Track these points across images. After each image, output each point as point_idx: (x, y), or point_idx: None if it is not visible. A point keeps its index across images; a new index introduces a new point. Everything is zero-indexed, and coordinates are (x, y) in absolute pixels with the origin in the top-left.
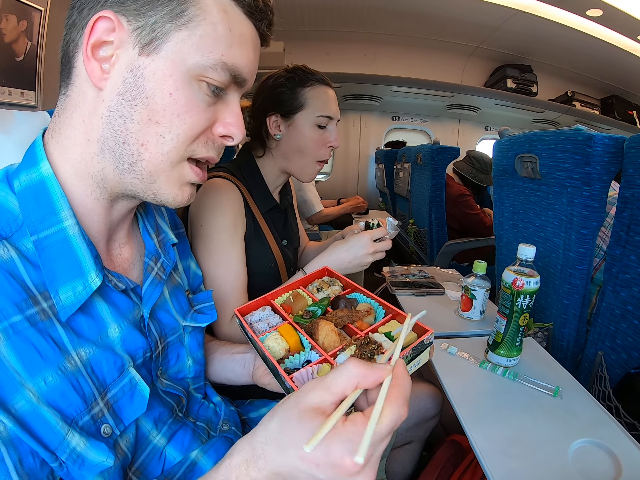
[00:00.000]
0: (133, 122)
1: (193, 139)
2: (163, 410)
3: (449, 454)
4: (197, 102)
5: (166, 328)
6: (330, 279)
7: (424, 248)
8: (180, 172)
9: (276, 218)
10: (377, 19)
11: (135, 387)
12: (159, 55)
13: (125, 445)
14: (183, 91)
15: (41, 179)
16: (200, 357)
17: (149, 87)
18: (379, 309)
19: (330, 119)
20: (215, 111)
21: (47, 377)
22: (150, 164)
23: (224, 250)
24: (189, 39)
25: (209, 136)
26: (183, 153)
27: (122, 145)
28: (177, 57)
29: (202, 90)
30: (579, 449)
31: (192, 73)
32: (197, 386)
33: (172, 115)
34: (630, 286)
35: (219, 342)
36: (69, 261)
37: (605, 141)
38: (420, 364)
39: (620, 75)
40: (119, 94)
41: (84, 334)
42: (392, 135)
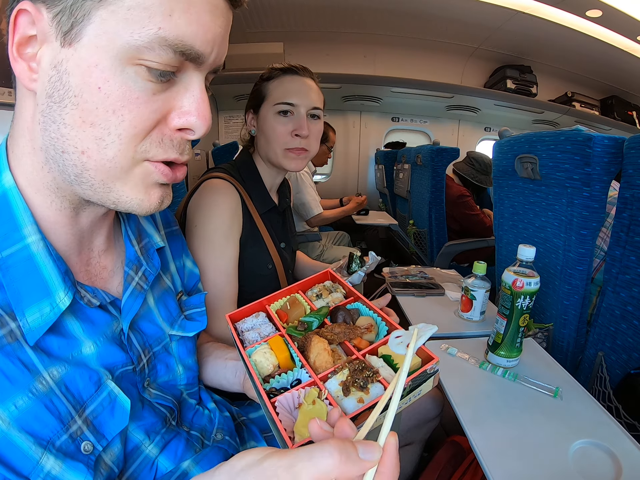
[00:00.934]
0: (67, 126)
1: (141, 137)
2: (156, 420)
3: (449, 454)
4: (136, 93)
5: (150, 339)
6: (332, 284)
7: (424, 249)
8: (141, 174)
9: (274, 220)
10: (377, 20)
11: (115, 400)
12: (81, 43)
13: (110, 460)
14: (114, 82)
15: (3, 192)
16: (191, 363)
17: (75, 83)
18: (382, 324)
19: (292, 106)
20: (167, 99)
21: (18, 401)
22: (99, 173)
23: (217, 252)
24: (114, 15)
25: (164, 132)
26: (133, 155)
27: (62, 154)
28: (101, 40)
29: (140, 77)
30: (579, 450)
31: (123, 57)
32: (191, 392)
33: (107, 113)
34: (630, 287)
35: (215, 345)
36: (35, 281)
37: (605, 142)
38: (421, 394)
39: (619, 75)
40: (47, 95)
41: (54, 353)
42: (392, 136)
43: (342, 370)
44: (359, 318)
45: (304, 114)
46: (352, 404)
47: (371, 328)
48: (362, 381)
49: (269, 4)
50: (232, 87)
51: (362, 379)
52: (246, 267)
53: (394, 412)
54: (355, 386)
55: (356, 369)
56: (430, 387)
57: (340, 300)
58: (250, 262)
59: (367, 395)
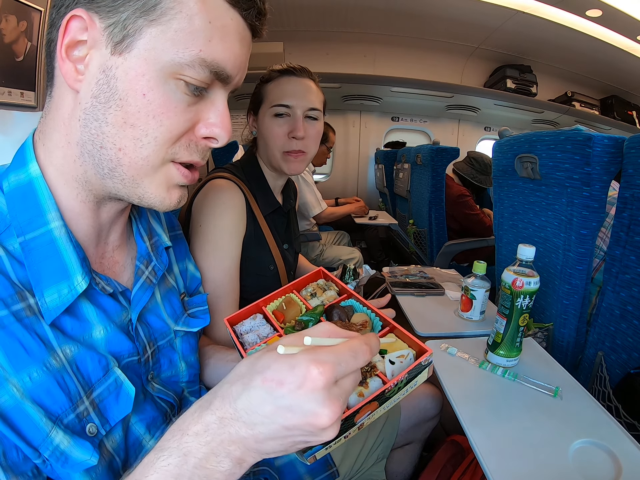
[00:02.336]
0: (108, 125)
1: (173, 141)
2: (157, 415)
3: (449, 454)
4: (175, 103)
5: (156, 332)
6: (325, 282)
7: (424, 248)
8: (166, 175)
9: (278, 221)
10: (377, 20)
11: (121, 387)
12: (132, 54)
13: (112, 447)
14: (157, 91)
15: (29, 180)
16: (194, 361)
17: (122, 88)
18: (376, 320)
19: (288, 107)
20: (198, 111)
21: (32, 372)
22: (131, 169)
23: (220, 252)
24: (163, 34)
25: (191, 138)
26: (164, 156)
27: (99, 149)
28: (150, 54)
29: (179, 90)
30: (579, 449)
31: (167, 71)
32: (192, 390)
33: (148, 117)
34: (630, 286)
35: (215, 347)
36: (55, 263)
37: (604, 141)
38: (417, 384)
39: (619, 75)
40: (92, 96)
41: (68, 332)
42: (392, 136)
43: None
44: (354, 315)
45: (300, 115)
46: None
47: (366, 324)
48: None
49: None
50: None
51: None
52: (248, 268)
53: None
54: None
55: None
56: (425, 377)
57: (334, 298)
58: (252, 263)
59: (366, 389)
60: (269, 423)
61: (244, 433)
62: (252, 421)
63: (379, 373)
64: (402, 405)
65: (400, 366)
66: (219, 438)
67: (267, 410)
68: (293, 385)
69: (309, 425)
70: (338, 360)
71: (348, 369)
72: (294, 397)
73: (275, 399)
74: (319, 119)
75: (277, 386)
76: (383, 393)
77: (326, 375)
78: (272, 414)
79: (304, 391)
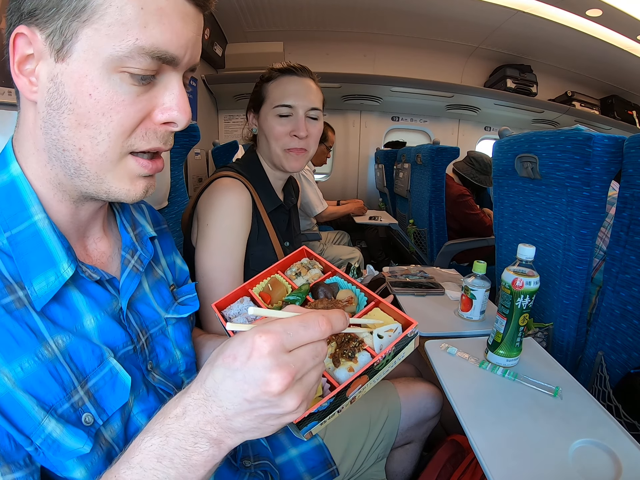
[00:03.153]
0: (65, 129)
1: (127, 134)
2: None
3: (449, 454)
4: (122, 97)
5: (147, 320)
6: (309, 261)
7: (424, 248)
8: (126, 168)
9: (280, 218)
10: (377, 20)
11: (116, 377)
12: (72, 58)
13: (111, 436)
14: (102, 89)
15: (12, 179)
16: (188, 349)
17: (70, 92)
18: (361, 295)
19: (290, 108)
20: (151, 98)
21: (24, 363)
22: (93, 166)
23: (226, 252)
24: (97, 32)
25: (148, 127)
26: (121, 150)
27: (63, 152)
28: (89, 55)
29: (125, 83)
30: (579, 449)
31: (108, 67)
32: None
33: (98, 116)
34: (630, 286)
35: (207, 336)
36: (41, 253)
37: (604, 141)
38: (404, 356)
39: (619, 75)
40: (46, 104)
41: (59, 322)
42: (392, 136)
43: (330, 343)
44: (339, 292)
45: (302, 115)
46: (344, 373)
47: (352, 300)
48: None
49: (269, 3)
50: (232, 86)
51: (349, 350)
52: (251, 265)
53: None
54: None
55: (343, 341)
56: (412, 349)
57: (319, 276)
58: (255, 261)
59: (356, 364)
60: (232, 397)
61: (215, 411)
62: (219, 398)
63: (367, 347)
64: (402, 404)
65: (388, 340)
66: (196, 419)
67: (228, 385)
68: (244, 357)
69: (264, 394)
70: (285, 329)
71: (299, 339)
72: (245, 367)
73: (232, 373)
74: (319, 119)
75: (232, 361)
76: (372, 366)
77: (270, 342)
78: (233, 387)
79: (252, 360)
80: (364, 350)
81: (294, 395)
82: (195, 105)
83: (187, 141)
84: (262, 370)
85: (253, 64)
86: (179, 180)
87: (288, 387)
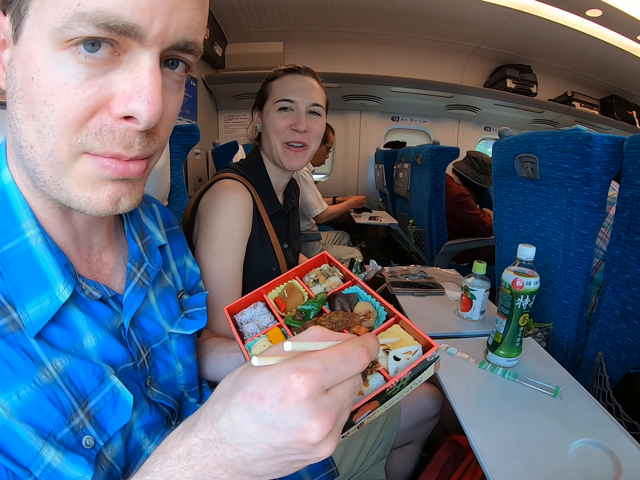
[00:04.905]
0: (18, 120)
1: (75, 128)
2: (158, 420)
3: (449, 454)
4: (64, 79)
5: (149, 336)
6: (329, 267)
7: (424, 248)
8: (82, 170)
9: (279, 221)
10: (377, 19)
11: (118, 396)
12: (22, 37)
13: (112, 456)
14: (44, 70)
15: (2, 188)
16: (191, 361)
17: (19, 76)
18: (380, 309)
19: (291, 102)
20: (108, 84)
21: (20, 390)
22: (46, 168)
23: (226, 253)
24: (43, 3)
25: (104, 122)
26: (69, 149)
27: (20, 149)
28: (34, 31)
29: (72, 61)
30: (579, 449)
31: (53, 43)
32: (192, 391)
33: (40, 104)
34: (630, 286)
35: (216, 340)
36: (34, 274)
37: (604, 141)
38: (422, 381)
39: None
40: (5, 93)
41: (58, 344)
42: (392, 136)
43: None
44: (357, 304)
45: (303, 110)
46: None
47: (369, 315)
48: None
49: (269, 3)
50: (232, 86)
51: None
52: (250, 267)
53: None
54: None
55: None
56: (431, 373)
57: (337, 284)
58: (255, 263)
59: (366, 387)
60: (254, 443)
61: (229, 455)
62: (237, 442)
63: (381, 369)
64: (402, 405)
65: (405, 363)
66: (203, 462)
67: (250, 429)
68: (274, 399)
69: (297, 443)
70: (324, 366)
71: (339, 376)
72: (277, 412)
73: (258, 416)
74: (321, 115)
75: (257, 401)
76: (384, 392)
77: (310, 384)
78: (256, 432)
79: (287, 405)
80: (378, 372)
81: (330, 442)
82: (195, 105)
83: (187, 141)
84: (299, 417)
85: (253, 64)
86: (179, 180)
87: (328, 435)
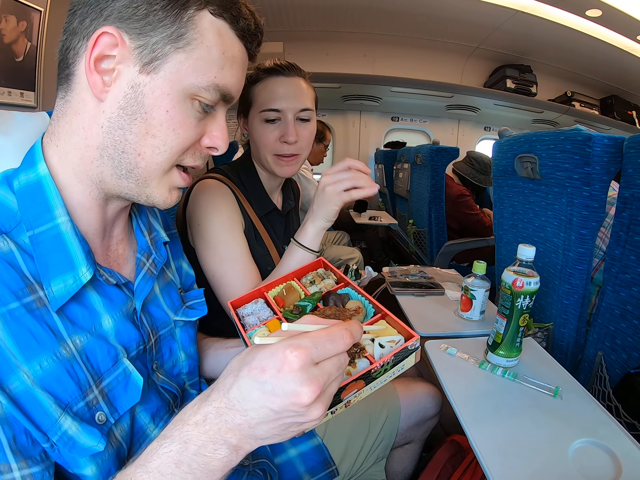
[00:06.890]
0: (132, 134)
1: (184, 150)
2: (161, 405)
3: (449, 454)
4: (190, 118)
5: (157, 322)
6: (324, 271)
7: (424, 248)
8: (170, 178)
9: (276, 222)
10: (377, 20)
11: (129, 377)
12: (159, 75)
13: (120, 435)
14: (178, 108)
15: (38, 179)
16: (193, 352)
17: (148, 103)
18: (369, 307)
19: (278, 112)
20: (204, 125)
21: (43, 361)
22: (145, 171)
23: (225, 244)
24: (186, 61)
25: (196, 147)
26: (173, 162)
27: (121, 154)
28: (174, 77)
29: (194, 108)
30: (579, 449)
31: (187, 92)
32: (192, 382)
33: (168, 130)
34: (629, 286)
35: (213, 339)
36: (61, 255)
37: (604, 141)
38: (404, 369)
39: (619, 75)
40: (119, 107)
41: (79, 323)
42: (392, 136)
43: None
44: (349, 302)
45: (291, 118)
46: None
47: (359, 310)
48: (350, 356)
49: (269, 3)
50: None
51: (350, 354)
52: None
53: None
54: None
55: None
56: (412, 362)
57: (331, 286)
58: None
59: (354, 369)
60: (258, 408)
61: (238, 420)
62: (244, 408)
63: (367, 355)
64: (402, 405)
65: (389, 350)
66: (217, 427)
67: (255, 396)
68: (274, 370)
69: (293, 405)
70: (314, 344)
71: (326, 352)
72: (276, 380)
73: (261, 385)
74: (311, 119)
75: (260, 373)
76: (369, 373)
77: (301, 357)
78: (260, 398)
79: (283, 374)
80: (364, 358)
81: (319, 406)
82: None
83: None
84: (293, 384)
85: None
86: None
87: (317, 399)
